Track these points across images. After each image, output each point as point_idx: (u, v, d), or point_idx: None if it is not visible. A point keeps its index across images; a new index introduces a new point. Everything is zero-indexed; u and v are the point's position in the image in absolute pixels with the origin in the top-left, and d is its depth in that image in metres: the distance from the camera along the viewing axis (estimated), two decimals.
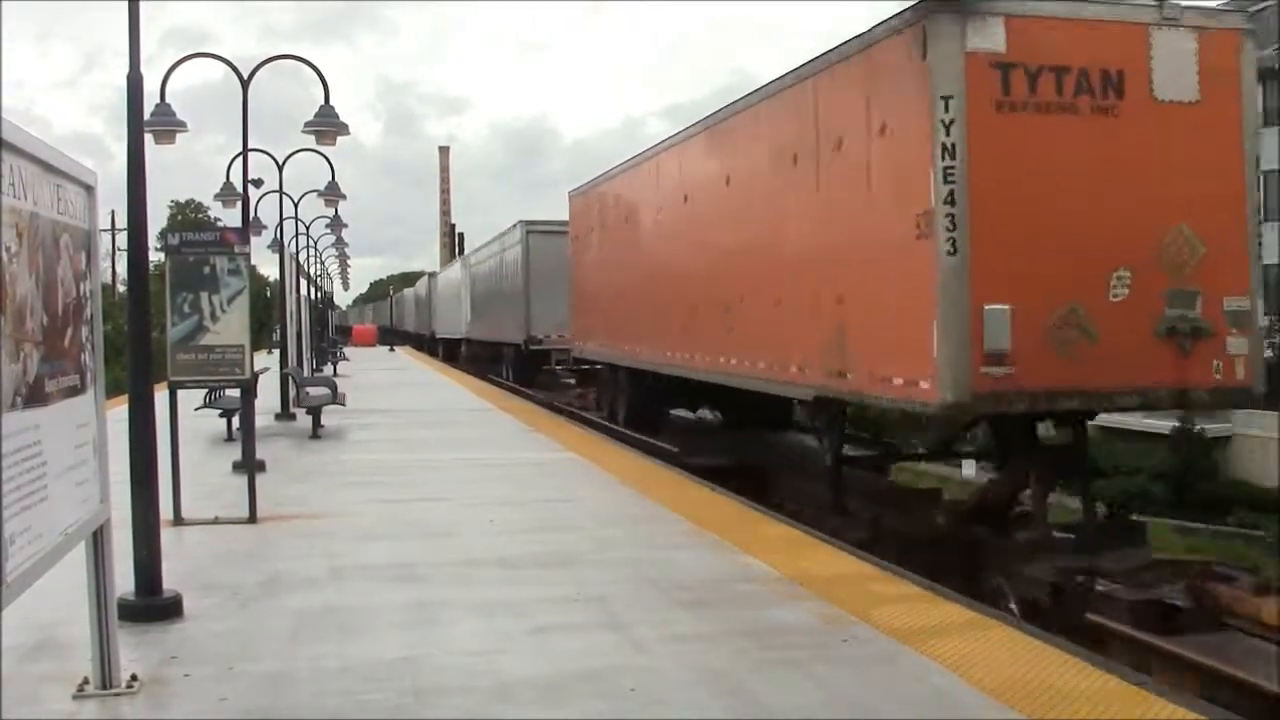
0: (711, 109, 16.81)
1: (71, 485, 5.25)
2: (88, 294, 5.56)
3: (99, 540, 5.75)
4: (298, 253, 31.70)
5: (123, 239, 45.84)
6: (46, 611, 6.71)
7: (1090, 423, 12.20)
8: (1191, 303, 10.90)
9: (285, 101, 19.71)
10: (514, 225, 36.30)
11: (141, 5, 7.41)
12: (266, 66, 16.60)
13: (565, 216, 27.43)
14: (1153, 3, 10.85)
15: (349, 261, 66.14)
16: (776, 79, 14.23)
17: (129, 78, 7.67)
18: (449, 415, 23.74)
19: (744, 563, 9.02)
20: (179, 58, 16.70)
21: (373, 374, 40.17)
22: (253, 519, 10.92)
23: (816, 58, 13.01)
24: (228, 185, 22.29)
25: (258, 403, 13.11)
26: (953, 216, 10.29)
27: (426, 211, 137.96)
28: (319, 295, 50.60)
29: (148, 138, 9.34)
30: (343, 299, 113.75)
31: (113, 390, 6.95)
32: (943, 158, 10.29)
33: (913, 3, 10.75)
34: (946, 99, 10.33)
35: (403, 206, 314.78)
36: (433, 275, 73.74)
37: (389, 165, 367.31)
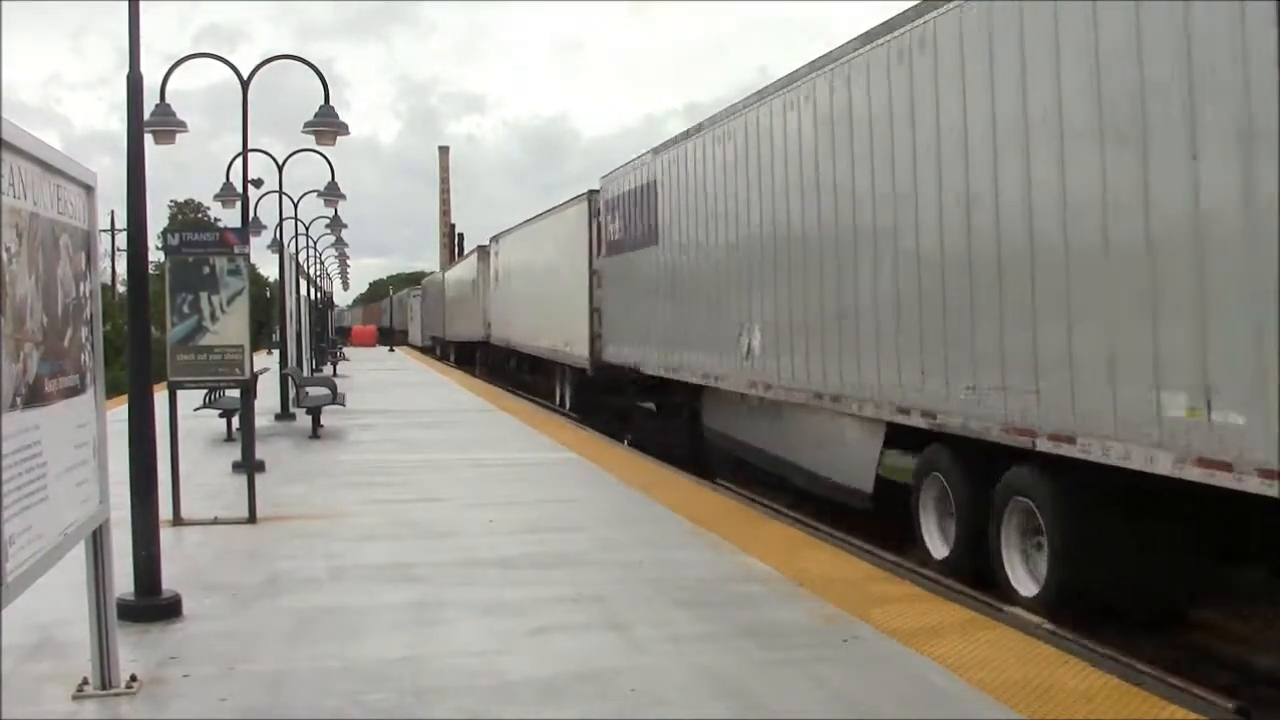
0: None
1: (71, 485, 5.25)
2: (87, 294, 5.56)
3: (99, 540, 5.75)
4: (297, 253, 31.70)
5: (123, 239, 45.80)
6: (46, 611, 6.72)
7: None
8: None
9: (310, 100, 19.67)
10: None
11: (178, 3, 7.43)
12: (296, 67, 16.56)
13: None
14: None
15: (350, 261, 66.31)
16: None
17: (129, 77, 7.68)
18: (449, 415, 23.75)
19: (744, 563, 9.03)
20: (180, 59, 16.55)
21: (372, 374, 40.20)
22: (252, 519, 10.91)
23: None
24: (228, 185, 22.30)
25: (257, 403, 13.12)
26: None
27: (435, 211, 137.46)
28: (319, 295, 50.62)
29: (147, 138, 9.34)
30: (342, 299, 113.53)
31: (113, 390, 6.96)
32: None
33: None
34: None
35: (415, 206, 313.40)
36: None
37: (406, 164, 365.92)
